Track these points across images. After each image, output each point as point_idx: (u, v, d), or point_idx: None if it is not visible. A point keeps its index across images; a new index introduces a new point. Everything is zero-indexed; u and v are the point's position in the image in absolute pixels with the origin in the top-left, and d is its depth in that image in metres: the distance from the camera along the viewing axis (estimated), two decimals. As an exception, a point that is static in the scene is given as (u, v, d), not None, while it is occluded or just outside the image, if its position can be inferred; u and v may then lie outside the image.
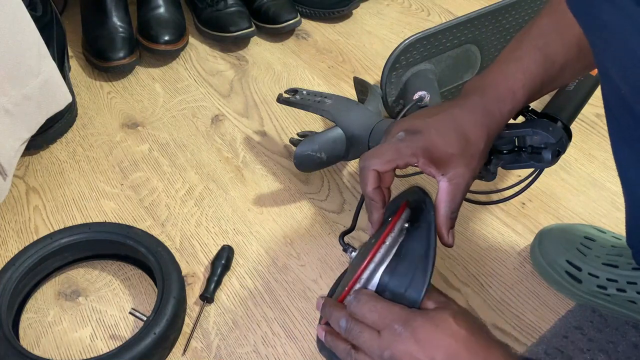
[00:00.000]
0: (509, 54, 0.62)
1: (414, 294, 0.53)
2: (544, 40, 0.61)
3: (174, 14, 1.18)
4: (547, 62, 0.60)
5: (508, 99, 0.59)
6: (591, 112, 1.02)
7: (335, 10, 1.27)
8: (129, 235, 0.78)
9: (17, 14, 0.81)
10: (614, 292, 0.72)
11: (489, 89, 0.60)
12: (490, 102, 0.59)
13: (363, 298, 0.53)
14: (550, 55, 0.60)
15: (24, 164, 0.95)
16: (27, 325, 0.75)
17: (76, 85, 1.10)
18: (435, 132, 0.57)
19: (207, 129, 1.03)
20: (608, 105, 0.57)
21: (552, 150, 0.63)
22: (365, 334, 0.52)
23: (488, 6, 0.93)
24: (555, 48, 0.60)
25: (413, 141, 0.57)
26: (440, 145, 0.57)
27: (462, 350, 0.48)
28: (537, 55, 0.60)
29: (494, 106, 0.59)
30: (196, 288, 0.79)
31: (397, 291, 0.54)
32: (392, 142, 0.58)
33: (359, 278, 0.55)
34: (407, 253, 0.56)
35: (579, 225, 0.81)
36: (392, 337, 0.50)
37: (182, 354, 0.72)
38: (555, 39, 0.60)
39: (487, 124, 0.59)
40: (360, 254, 0.61)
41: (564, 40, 0.60)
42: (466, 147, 0.58)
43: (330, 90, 1.11)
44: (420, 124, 0.59)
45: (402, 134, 0.59)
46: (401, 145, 0.57)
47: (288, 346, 0.73)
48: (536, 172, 0.70)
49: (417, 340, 0.49)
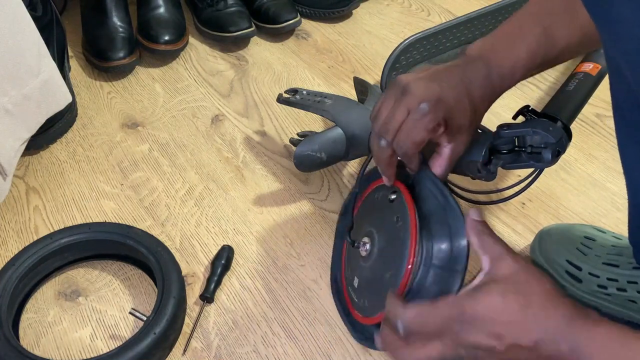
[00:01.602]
0: (516, 27, 0.62)
1: (463, 253, 0.56)
2: (551, 20, 0.61)
3: (174, 14, 1.18)
4: (549, 43, 0.61)
5: (508, 77, 0.61)
6: (591, 112, 1.02)
7: (335, 10, 1.27)
8: (129, 235, 0.78)
9: (17, 14, 0.81)
10: (615, 291, 0.72)
11: (493, 62, 0.61)
12: (494, 76, 0.60)
13: (405, 316, 0.52)
14: (553, 37, 0.61)
15: (24, 164, 0.95)
16: (27, 325, 0.75)
17: (76, 85, 1.10)
18: (454, 102, 0.58)
19: (207, 129, 1.03)
20: (617, 101, 0.56)
21: (552, 150, 0.63)
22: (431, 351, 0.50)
23: (488, 6, 0.93)
24: (560, 30, 0.60)
25: (436, 113, 0.57)
26: (457, 117, 0.58)
27: (521, 321, 0.47)
28: (541, 35, 0.61)
29: (496, 81, 0.61)
30: (196, 288, 0.79)
31: (444, 247, 0.57)
32: (417, 118, 0.57)
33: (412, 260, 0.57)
34: (428, 212, 0.58)
35: (579, 225, 0.81)
36: (454, 338, 0.49)
37: (182, 354, 0.72)
38: (562, 20, 0.61)
39: (489, 98, 0.61)
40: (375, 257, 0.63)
41: (570, 23, 0.60)
42: (474, 118, 0.60)
43: (330, 90, 1.11)
44: (438, 91, 0.58)
45: (425, 107, 0.57)
46: (427, 120, 0.57)
47: (288, 346, 0.73)
48: (536, 172, 0.70)
49: (478, 328, 0.48)
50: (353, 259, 0.69)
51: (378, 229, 0.65)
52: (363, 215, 0.70)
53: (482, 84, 0.60)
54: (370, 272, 0.64)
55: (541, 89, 1.09)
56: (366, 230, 0.67)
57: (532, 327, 0.46)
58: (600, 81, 0.95)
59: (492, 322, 0.47)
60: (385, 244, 0.63)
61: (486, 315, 0.48)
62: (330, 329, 0.75)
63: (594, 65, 0.97)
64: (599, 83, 0.95)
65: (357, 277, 0.67)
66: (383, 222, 0.64)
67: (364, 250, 0.65)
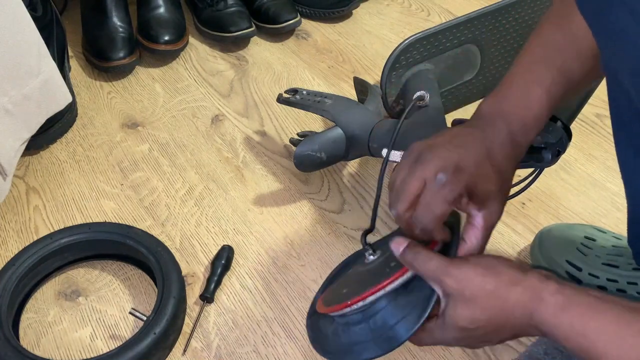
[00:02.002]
0: (529, 74, 0.59)
1: (402, 331, 0.55)
2: (562, 58, 0.58)
3: (174, 14, 1.18)
4: (567, 81, 0.58)
5: (534, 127, 0.57)
6: (591, 112, 1.02)
7: (335, 10, 1.27)
8: (129, 235, 0.78)
9: (17, 14, 0.81)
10: (615, 292, 0.72)
11: (514, 117, 0.57)
12: (518, 133, 0.57)
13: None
14: (569, 74, 0.58)
15: (24, 164, 0.95)
16: (27, 325, 0.75)
17: (76, 85, 1.10)
18: (475, 167, 0.54)
19: (207, 129, 1.03)
20: (616, 110, 0.56)
21: (552, 150, 0.63)
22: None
23: (488, 6, 0.93)
24: (573, 65, 0.58)
25: (457, 184, 0.52)
26: (481, 184, 0.54)
27: (476, 336, 0.51)
28: (557, 76, 0.58)
29: (521, 137, 0.57)
30: (196, 288, 0.79)
31: (388, 321, 0.56)
32: (435, 190, 0.53)
33: (364, 299, 0.56)
34: (413, 288, 0.56)
35: (579, 225, 0.81)
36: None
37: (182, 354, 0.72)
38: (572, 56, 0.58)
39: (515, 156, 0.57)
40: (376, 265, 0.62)
41: (581, 56, 0.58)
42: (501, 183, 0.56)
43: (330, 90, 1.11)
44: (457, 160, 0.53)
45: (442, 177, 0.52)
46: (447, 192, 0.52)
47: (288, 346, 0.73)
48: (536, 172, 0.70)
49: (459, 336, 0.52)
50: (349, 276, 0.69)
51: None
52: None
53: (505, 143, 0.56)
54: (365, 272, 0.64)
55: (541, 89, 1.09)
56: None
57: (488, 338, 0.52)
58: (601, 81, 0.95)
59: (466, 339, 0.53)
60: (371, 270, 0.63)
61: (459, 336, 0.52)
62: (330, 329, 0.75)
63: (594, 65, 0.97)
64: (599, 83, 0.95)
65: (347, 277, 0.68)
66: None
67: (371, 256, 0.64)
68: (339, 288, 0.64)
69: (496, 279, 0.50)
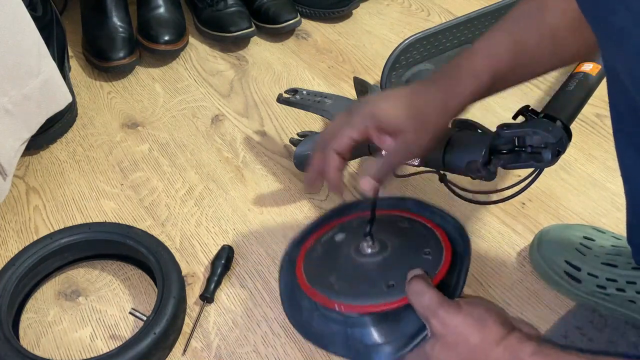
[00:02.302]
0: (481, 37, 0.61)
1: (375, 357, 0.55)
2: (518, 26, 0.60)
3: (174, 14, 1.18)
4: (517, 47, 0.59)
5: (470, 78, 0.59)
6: (591, 112, 1.02)
7: (335, 10, 1.27)
8: (129, 235, 0.78)
9: (17, 14, 0.81)
10: (614, 291, 0.72)
11: (453, 69, 0.60)
12: (450, 80, 0.59)
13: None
14: (520, 42, 0.59)
15: (24, 164, 0.95)
16: (27, 325, 0.75)
17: (76, 85, 1.10)
18: (384, 101, 0.58)
19: (207, 129, 1.03)
20: (616, 109, 0.57)
21: (552, 150, 0.63)
22: None
23: (488, 6, 0.93)
24: (528, 35, 0.59)
25: (361, 111, 0.58)
26: (390, 112, 0.57)
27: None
28: (506, 39, 0.59)
29: (453, 82, 0.59)
30: (196, 288, 0.79)
31: (365, 340, 0.56)
32: (339, 120, 0.59)
33: (352, 310, 0.56)
34: (404, 318, 0.56)
35: (578, 225, 0.81)
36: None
37: (182, 354, 0.72)
38: (529, 26, 0.59)
39: (443, 98, 0.58)
40: (374, 266, 0.60)
41: (538, 30, 0.59)
42: (417, 117, 0.57)
43: (330, 90, 1.11)
44: (368, 99, 0.59)
45: (349, 118, 0.59)
46: (352, 118, 0.58)
47: (288, 346, 0.73)
48: (536, 172, 0.70)
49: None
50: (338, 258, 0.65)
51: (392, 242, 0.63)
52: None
53: (427, 85, 0.59)
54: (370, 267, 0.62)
55: (541, 89, 1.09)
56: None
57: None
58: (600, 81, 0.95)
59: None
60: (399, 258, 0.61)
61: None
62: (330, 329, 0.75)
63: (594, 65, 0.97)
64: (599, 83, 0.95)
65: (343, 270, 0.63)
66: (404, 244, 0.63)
67: (369, 248, 0.62)
68: (327, 272, 0.61)
69: (482, 334, 0.49)
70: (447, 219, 0.63)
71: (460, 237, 0.60)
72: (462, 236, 0.60)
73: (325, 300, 0.57)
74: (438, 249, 0.59)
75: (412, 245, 0.61)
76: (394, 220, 0.66)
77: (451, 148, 0.68)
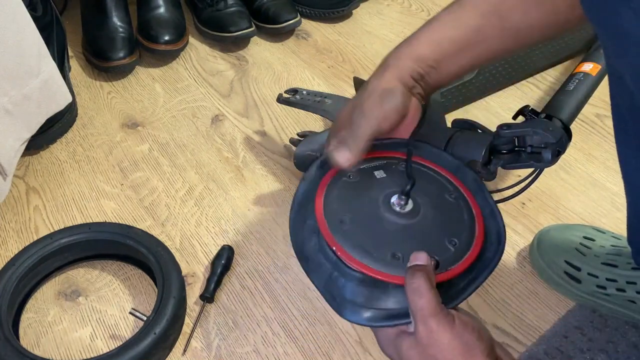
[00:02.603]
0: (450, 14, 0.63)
1: (346, 313, 0.53)
2: (458, 4, 0.61)
3: (174, 14, 1.18)
4: (458, 23, 0.60)
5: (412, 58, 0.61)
6: (591, 112, 1.02)
7: (335, 10, 1.27)
8: (129, 235, 0.78)
9: (17, 14, 0.81)
10: (614, 292, 0.72)
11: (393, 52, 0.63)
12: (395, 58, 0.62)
13: None
14: (461, 19, 0.60)
15: (24, 164, 0.95)
16: (27, 325, 0.75)
17: (76, 85, 1.10)
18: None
19: (207, 129, 1.03)
20: (618, 110, 0.57)
21: (552, 150, 0.63)
22: None
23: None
24: (467, 13, 0.60)
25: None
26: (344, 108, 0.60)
27: None
28: (446, 17, 0.61)
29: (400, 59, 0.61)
30: (196, 288, 0.79)
31: (345, 293, 0.53)
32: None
33: (352, 264, 0.52)
34: (393, 295, 0.53)
35: (578, 225, 0.82)
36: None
37: (182, 354, 0.72)
38: (469, 4, 0.61)
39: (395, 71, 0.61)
40: (398, 228, 0.55)
41: (477, 8, 0.60)
42: (365, 92, 0.59)
43: (330, 90, 1.11)
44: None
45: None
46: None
47: (288, 346, 0.73)
48: (536, 172, 0.70)
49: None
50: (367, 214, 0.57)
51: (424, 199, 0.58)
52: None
53: (380, 66, 0.62)
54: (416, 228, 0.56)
55: (541, 89, 1.09)
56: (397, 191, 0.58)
57: None
58: (600, 81, 0.95)
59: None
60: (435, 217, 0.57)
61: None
62: (330, 329, 0.75)
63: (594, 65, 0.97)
64: (599, 83, 0.95)
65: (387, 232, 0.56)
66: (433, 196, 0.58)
67: (398, 206, 0.56)
68: (346, 205, 0.56)
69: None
70: (496, 217, 0.57)
71: (497, 242, 0.55)
72: (499, 243, 0.55)
73: (328, 234, 0.53)
74: (466, 244, 0.54)
75: (443, 227, 0.55)
76: (443, 187, 0.60)
77: (451, 148, 0.68)
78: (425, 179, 0.59)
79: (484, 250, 0.55)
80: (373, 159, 0.61)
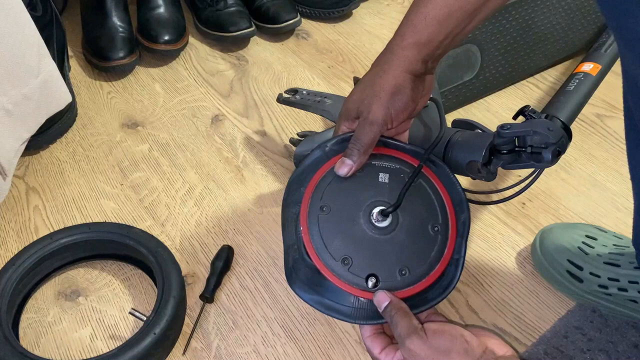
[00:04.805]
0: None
1: (309, 301, 0.59)
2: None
3: (174, 14, 1.18)
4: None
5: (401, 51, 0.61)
6: (591, 112, 1.02)
7: (335, 10, 1.27)
8: (129, 235, 0.78)
9: (17, 14, 0.81)
10: (616, 291, 0.72)
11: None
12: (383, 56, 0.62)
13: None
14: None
15: (24, 164, 0.95)
16: (27, 325, 0.75)
17: (76, 85, 1.10)
18: (350, 95, 0.62)
19: (207, 129, 1.03)
20: (630, 114, 0.57)
21: (552, 150, 0.63)
22: None
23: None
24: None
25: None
26: (348, 104, 0.62)
27: None
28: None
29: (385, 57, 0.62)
30: (196, 288, 0.79)
31: (320, 290, 0.59)
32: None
33: (325, 273, 0.57)
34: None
35: (580, 224, 0.81)
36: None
37: (182, 354, 0.72)
38: None
39: (379, 71, 0.61)
40: (375, 237, 0.58)
41: None
42: (367, 97, 0.60)
43: (330, 90, 1.11)
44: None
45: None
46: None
47: (288, 346, 0.73)
48: (536, 172, 0.70)
49: None
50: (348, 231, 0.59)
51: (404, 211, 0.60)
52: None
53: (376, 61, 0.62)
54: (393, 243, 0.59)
55: (541, 89, 1.09)
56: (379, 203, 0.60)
57: None
58: (600, 81, 0.95)
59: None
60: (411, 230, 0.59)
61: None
62: (330, 329, 0.75)
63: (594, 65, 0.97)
64: (599, 83, 0.95)
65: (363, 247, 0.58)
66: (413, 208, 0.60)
67: (378, 220, 0.58)
68: (333, 195, 0.58)
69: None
70: (458, 268, 0.59)
71: (444, 287, 0.59)
72: (445, 288, 0.59)
73: (304, 211, 0.57)
74: (416, 279, 0.57)
75: (403, 255, 0.57)
76: (432, 217, 0.61)
77: (451, 148, 0.68)
78: (421, 201, 0.60)
79: (428, 290, 0.58)
80: (388, 157, 0.62)
